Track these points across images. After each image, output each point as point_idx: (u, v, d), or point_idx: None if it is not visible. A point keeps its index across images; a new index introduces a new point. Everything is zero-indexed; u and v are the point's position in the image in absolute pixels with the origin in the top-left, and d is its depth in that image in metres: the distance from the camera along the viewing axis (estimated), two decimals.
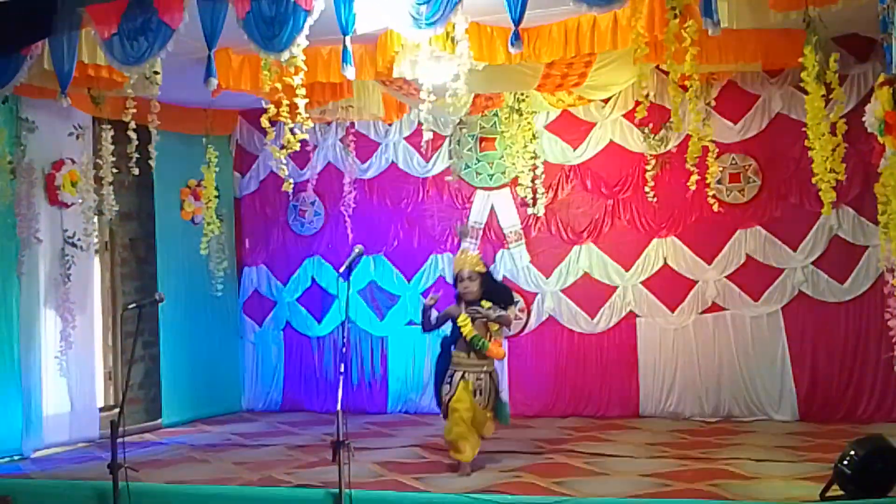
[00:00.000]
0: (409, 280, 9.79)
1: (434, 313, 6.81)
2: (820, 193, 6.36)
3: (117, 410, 5.71)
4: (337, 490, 5.63)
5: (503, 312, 6.72)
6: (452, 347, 6.75)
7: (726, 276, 8.70)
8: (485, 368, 6.69)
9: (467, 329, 6.60)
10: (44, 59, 6.90)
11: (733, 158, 8.62)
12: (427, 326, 6.85)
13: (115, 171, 8.04)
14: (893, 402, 8.07)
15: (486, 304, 6.68)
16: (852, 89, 8.01)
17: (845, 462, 5.29)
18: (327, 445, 5.59)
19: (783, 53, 7.10)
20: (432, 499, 5.96)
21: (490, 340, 6.66)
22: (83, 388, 8.51)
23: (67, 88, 6.83)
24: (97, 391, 8.79)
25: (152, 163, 7.44)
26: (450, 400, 6.59)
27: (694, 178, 7.86)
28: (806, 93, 6.12)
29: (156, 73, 6.90)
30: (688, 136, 7.16)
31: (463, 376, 6.63)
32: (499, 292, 6.87)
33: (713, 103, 8.58)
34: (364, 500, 5.78)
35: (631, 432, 8.14)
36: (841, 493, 5.33)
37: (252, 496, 6.27)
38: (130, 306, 6.06)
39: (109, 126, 7.98)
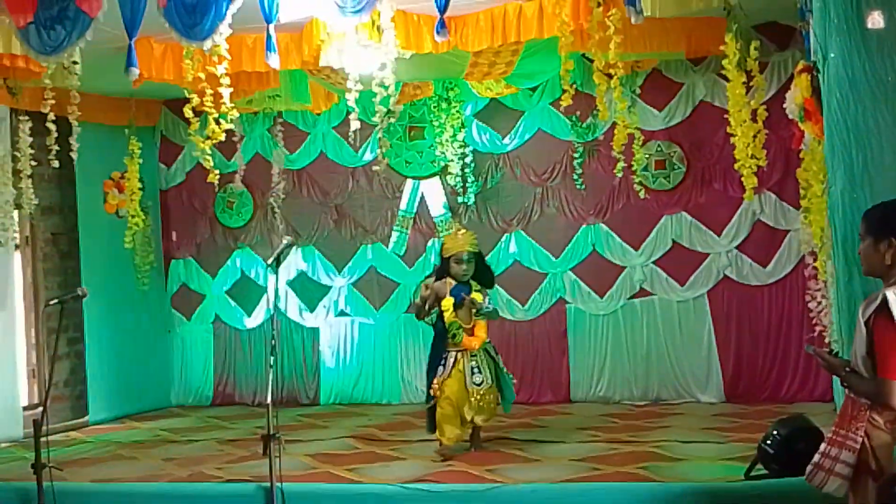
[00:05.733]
0: (339, 271, 9.74)
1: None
2: (742, 179, 6.49)
3: (41, 409, 5.56)
4: (268, 484, 5.59)
5: (493, 308, 6.81)
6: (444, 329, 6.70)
7: (653, 262, 8.82)
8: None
9: (449, 314, 6.60)
10: None
11: (658, 145, 8.73)
12: (423, 314, 6.80)
13: (34, 163, 7.85)
14: (815, 381, 8.27)
15: (475, 288, 6.67)
16: (773, 76, 8.17)
17: (769, 442, 5.40)
18: (258, 439, 5.55)
19: (705, 41, 7.19)
20: (365, 490, 5.94)
21: (471, 324, 6.68)
22: (5, 387, 8.29)
23: None
24: (20, 389, 8.56)
25: (73, 155, 7.24)
26: (443, 382, 6.59)
27: (620, 165, 8.00)
28: (728, 80, 6.22)
29: (74, 62, 6.68)
30: (614, 124, 7.25)
31: (456, 357, 6.64)
32: (486, 273, 6.88)
33: (638, 91, 8.70)
34: (296, 494, 5.73)
35: (562, 417, 8.22)
36: (765, 472, 5.45)
37: (182, 493, 6.16)
38: (52, 302, 5.89)
39: (27, 117, 7.77)
